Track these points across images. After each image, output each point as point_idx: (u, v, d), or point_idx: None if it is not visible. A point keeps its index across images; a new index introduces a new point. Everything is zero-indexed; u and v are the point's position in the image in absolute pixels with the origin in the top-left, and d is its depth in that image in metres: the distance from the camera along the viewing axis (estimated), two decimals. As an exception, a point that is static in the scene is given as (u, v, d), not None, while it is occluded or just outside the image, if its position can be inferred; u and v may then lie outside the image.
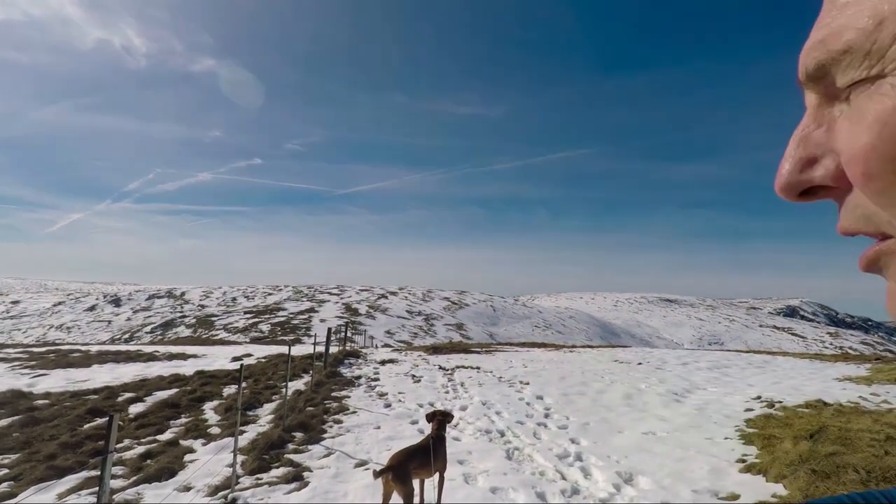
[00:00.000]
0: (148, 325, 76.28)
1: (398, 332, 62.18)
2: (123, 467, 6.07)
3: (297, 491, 5.29)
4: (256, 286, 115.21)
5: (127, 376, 12.62)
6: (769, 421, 7.79)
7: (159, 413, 8.70)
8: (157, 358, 16.97)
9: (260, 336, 54.81)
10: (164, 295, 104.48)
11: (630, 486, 5.40)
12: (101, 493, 3.05)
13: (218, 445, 6.95)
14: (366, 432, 7.56)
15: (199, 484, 5.51)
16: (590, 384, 11.37)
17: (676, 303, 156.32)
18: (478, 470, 5.84)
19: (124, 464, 6.19)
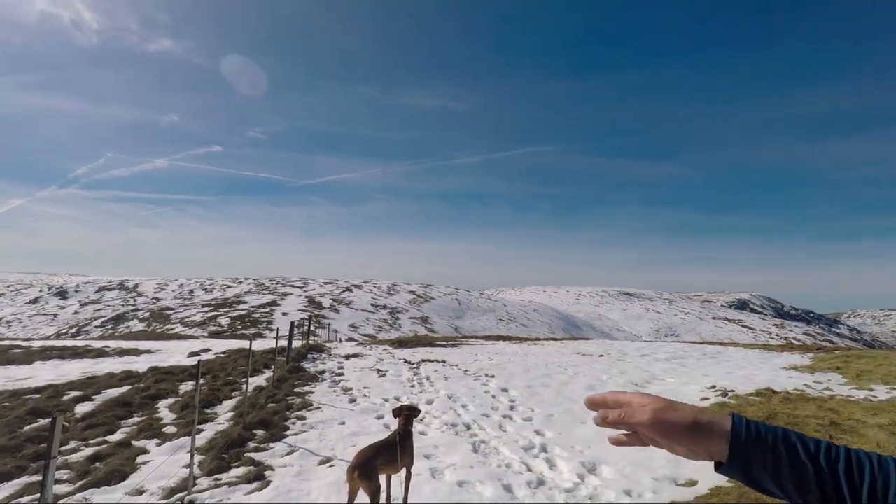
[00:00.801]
0: (97, 318, 73.06)
1: (363, 326, 61.66)
2: (69, 471, 5.74)
3: (258, 491, 5.12)
4: (215, 278, 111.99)
5: (73, 374, 12.00)
6: (723, 409, 8.06)
7: (109, 412, 8.30)
8: (107, 354, 16.22)
9: (219, 330, 53.31)
10: (116, 287, 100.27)
11: (593, 475, 5.48)
12: (43, 501, 2.84)
13: (174, 445, 6.67)
14: (330, 428, 7.41)
15: (152, 487, 5.27)
16: (554, 376, 11.53)
17: (635, 296, 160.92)
18: (444, 464, 5.81)
19: (70, 467, 5.86)
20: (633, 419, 0.75)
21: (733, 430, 0.68)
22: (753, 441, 0.67)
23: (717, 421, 0.70)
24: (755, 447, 0.66)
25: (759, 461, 0.66)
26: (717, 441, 0.69)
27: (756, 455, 0.66)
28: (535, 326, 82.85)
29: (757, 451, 0.66)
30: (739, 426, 0.68)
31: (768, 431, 0.67)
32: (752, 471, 0.67)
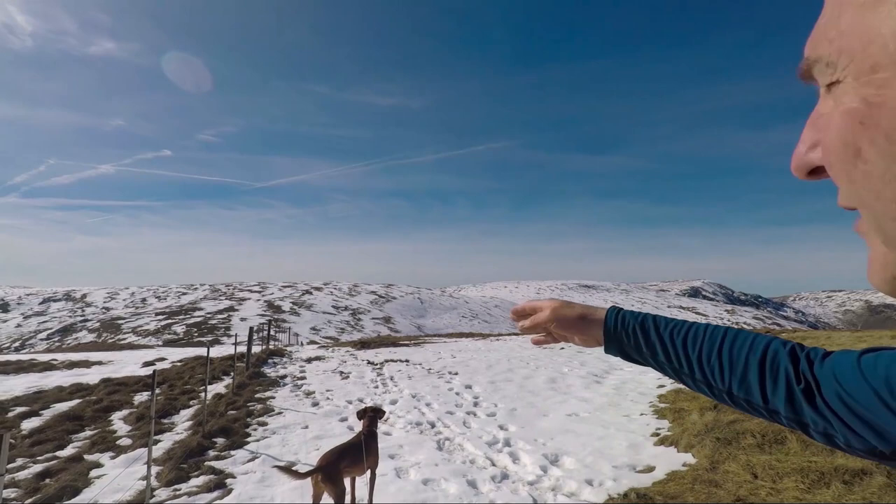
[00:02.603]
0: (43, 331, 69.37)
1: (324, 328, 60.81)
2: (17, 489, 5.47)
3: (219, 499, 5.01)
4: (169, 286, 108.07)
5: (18, 389, 11.38)
6: (678, 395, 8.41)
7: (59, 427, 7.92)
8: (55, 367, 15.44)
9: (174, 338, 51.53)
10: (62, 298, 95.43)
11: (556, 466, 5.62)
12: (-11, 523, 2.72)
13: (129, 458, 6.44)
14: (293, 433, 7.32)
15: (107, 501, 5.08)
16: (516, 371, 11.72)
17: (594, 288, 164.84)
18: (409, 463, 5.84)
19: (18, 485, 5.58)
20: (539, 320, 0.95)
21: (605, 320, 0.88)
22: (620, 328, 0.86)
23: (597, 314, 0.90)
24: (621, 332, 0.86)
25: (626, 342, 0.86)
26: (598, 329, 0.89)
27: (622, 338, 0.86)
28: (498, 322, 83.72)
29: (622, 334, 0.86)
30: (610, 317, 0.88)
31: (631, 318, 0.87)
32: (624, 350, 0.87)
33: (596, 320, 0.89)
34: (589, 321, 0.90)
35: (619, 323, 0.86)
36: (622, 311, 0.89)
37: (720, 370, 0.75)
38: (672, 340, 0.81)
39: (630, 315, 0.87)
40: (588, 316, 0.90)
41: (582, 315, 0.91)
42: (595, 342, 0.91)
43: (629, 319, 0.86)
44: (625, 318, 0.87)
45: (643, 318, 0.86)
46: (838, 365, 0.64)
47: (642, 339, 0.84)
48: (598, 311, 0.90)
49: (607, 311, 0.89)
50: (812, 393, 0.66)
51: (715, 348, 0.77)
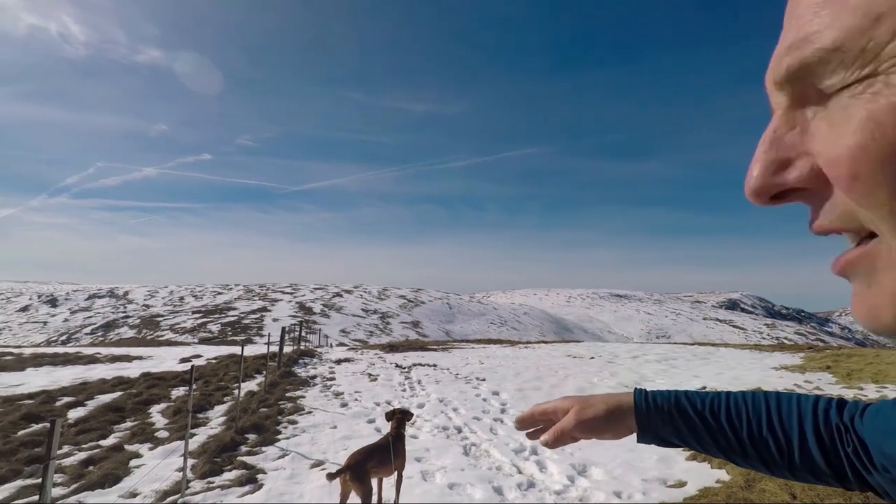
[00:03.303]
0: (88, 325, 72.37)
1: (353, 331, 61.54)
2: (63, 475, 5.75)
3: (250, 494, 5.16)
4: (205, 285, 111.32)
5: (65, 380, 11.93)
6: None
7: (102, 417, 8.28)
8: (98, 360, 16.12)
9: (209, 336, 53.02)
10: (106, 294, 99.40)
11: (584, 477, 5.56)
12: (42, 500, 2.88)
13: (166, 449, 6.68)
14: (322, 432, 7.45)
15: (146, 489, 5.29)
16: (544, 379, 11.62)
17: (626, 298, 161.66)
18: (435, 466, 5.87)
19: (64, 471, 5.87)
20: (565, 429, 0.83)
21: (636, 407, 0.79)
22: (654, 412, 0.78)
23: (624, 403, 0.80)
24: (656, 416, 0.77)
25: (662, 427, 0.77)
26: (629, 419, 0.79)
27: (658, 422, 0.77)
28: (526, 329, 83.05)
29: (657, 419, 0.77)
30: (640, 402, 0.79)
31: (664, 400, 0.78)
32: (661, 435, 0.78)
33: (625, 410, 0.80)
34: (618, 415, 0.80)
35: (651, 406, 0.78)
36: (650, 392, 0.81)
37: (776, 444, 0.69)
38: (715, 418, 0.74)
39: (661, 396, 0.79)
40: (615, 409, 0.80)
41: (608, 411, 0.81)
42: (627, 431, 0.81)
43: (661, 401, 0.78)
44: (656, 400, 0.78)
45: (676, 397, 0.78)
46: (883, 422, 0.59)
47: (682, 422, 0.76)
48: (623, 399, 0.81)
49: (635, 397, 0.80)
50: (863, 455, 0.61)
51: (764, 421, 0.70)
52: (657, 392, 0.80)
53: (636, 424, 0.79)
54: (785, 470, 0.69)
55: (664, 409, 0.77)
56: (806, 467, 0.67)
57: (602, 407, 0.81)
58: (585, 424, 0.81)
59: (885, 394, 8.69)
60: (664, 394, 0.79)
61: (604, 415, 0.80)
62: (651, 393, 0.80)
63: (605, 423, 0.80)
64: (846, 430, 0.64)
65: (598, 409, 0.81)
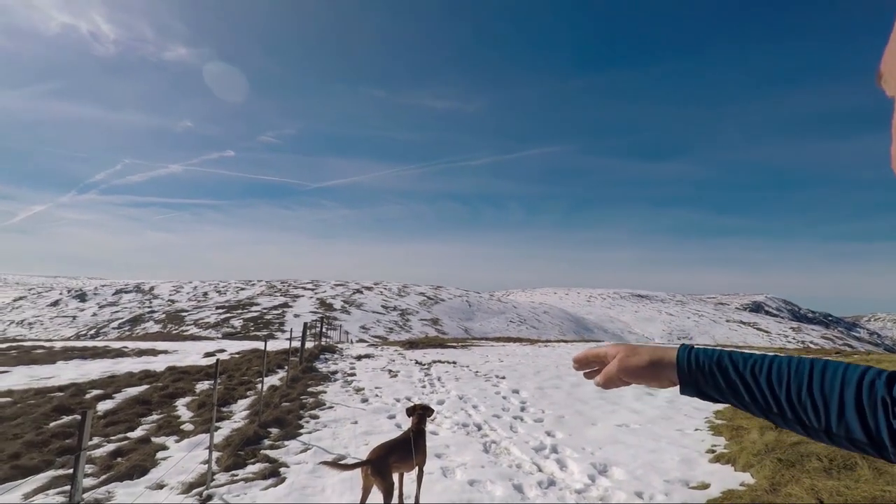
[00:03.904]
0: (115, 320, 74.20)
1: (373, 328, 61.92)
2: (93, 466, 5.91)
3: (273, 487, 5.24)
4: (228, 281, 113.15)
5: (94, 373, 12.28)
6: (736, 413, 8.03)
7: (130, 410, 8.49)
8: (125, 354, 16.55)
9: (232, 332, 53.88)
10: (132, 290, 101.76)
11: (605, 476, 5.51)
12: (74, 492, 2.97)
13: (192, 442, 6.82)
14: (343, 427, 7.53)
15: (172, 481, 5.41)
16: (564, 378, 11.54)
17: (648, 298, 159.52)
18: (455, 463, 5.88)
19: (94, 462, 6.03)
20: (609, 374, 0.92)
21: (678, 362, 0.85)
22: (695, 369, 0.83)
23: (667, 357, 0.87)
24: (697, 373, 0.83)
25: (703, 382, 0.83)
26: (671, 372, 0.86)
27: (699, 379, 0.83)
28: (546, 328, 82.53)
29: (698, 375, 0.83)
30: (682, 359, 0.85)
31: (706, 358, 0.83)
32: (701, 390, 0.83)
33: (667, 364, 0.86)
34: (660, 366, 0.87)
35: (693, 364, 0.83)
36: (693, 350, 0.86)
37: (814, 409, 0.72)
38: (755, 379, 0.78)
39: (704, 354, 0.84)
40: (658, 361, 0.87)
41: (651, 362, 0.87)
42: (669, 383, 0.87)
43: (703, 359, 0.83)
44: (699, 358, 0.83)
45: (719, 356, 0.83)
46: None
47: (721, 380, 0.81)
48: (668, 354, 0.87)
49: (678, 353, 0.86)
50: None
51: (804, 385, 0.73)
52: (701, 350, 0.86)
53: (678, 379, 0.85)
54: (823, 434, 0.72)
55: (705, 368, 0.82)
56: (843, 435, 0.70)
57: (646, 357, 0.88)
58: (629, 371, 0.89)
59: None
60: (707, 352, 0.85)
61: (646, 365, 0.88)
62: (695, 350, 0.86)
63: (647, 373, 0.88)
64: (893, 404, 0.65)
65: (641, 358, 0.89)
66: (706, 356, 0.83)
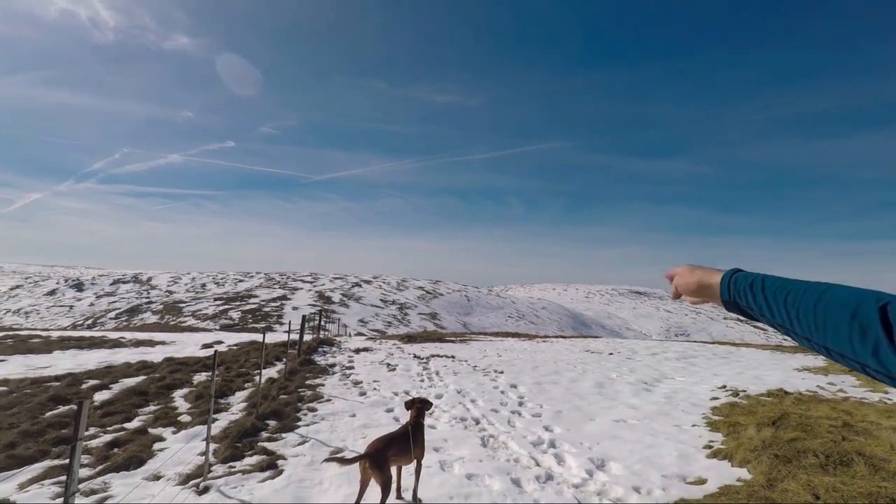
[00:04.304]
0: (112, 310, 74.11)
1: (372, 321, 61.94)
2: (89, 456, 5.90)
3: (271, 479, 5.23)
4: (227, 272, 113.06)
5: (91, 363, 12.25)
6: (734, 409, 8.05)
7: (126, 401, 8.47)
8: (122, 344, 16.52)
9: (230, 323, 53.89)
10: (130, 280, 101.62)
11: (602, 471, 5.52)
12: (70, 482, 2.95)
13: (189, 434, 6.81)
14: (341, 420, 7.52)
15: (169, 472, 5.40)
16: (562, 373, 11.55)
17: (646, 295, 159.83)
18: (454, 457, 5.88)
19: (90, 452, 6.02)
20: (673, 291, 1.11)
21: (721, 285, 0.99)
22: (734, 291, 0.96)
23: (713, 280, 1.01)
24: (735, 295, 0.95)
25: (741, 303, 0.95)
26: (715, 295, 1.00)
27: (737, 300, 0.95)
28: (544, 324, 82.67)
29: (736, 297, 0.95)
30: (724, 283, 0.98)
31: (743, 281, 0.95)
32: (741, 309, 0.95)
33: (713, 286, 1.00)
34: (706, 289, 1.02)
35: (731, 287, 0.96)
36: (736, 274, 0.97)
37: (815, 326, 0.80)
38: (776, 299, 0.88)
39: (742, 278, 0.95)
40: (704, 283, 1.02)
41: (699, 283, 1.03)
42: (716, 302, 1.01)
43: (741, 282, 0.95)
44: (737, 282, 0.95)
45: (753, 279, 0.94)
46: None
47: (752, 301, 0.92)
48: (713, 277, 1.01)
49: (722, 277, 0.99)
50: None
51: (810, 305, 0.82)
52: (742, 276, 0.96)
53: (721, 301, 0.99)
54: (823, 349, 0.81)
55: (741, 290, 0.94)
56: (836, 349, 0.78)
57: (695, 278, 1.04)
58: (683, 290, 1.07)
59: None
60: (746, 276, 0.96)
61: (694, 286, 1.04)
62: (736, 275, 0.97)
63: (695, 293, 1.05)
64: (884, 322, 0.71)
65: (692, 277, 1.05)
66: (744, 279, 0.95)
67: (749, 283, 0.93)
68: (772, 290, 0.89)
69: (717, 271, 1.01)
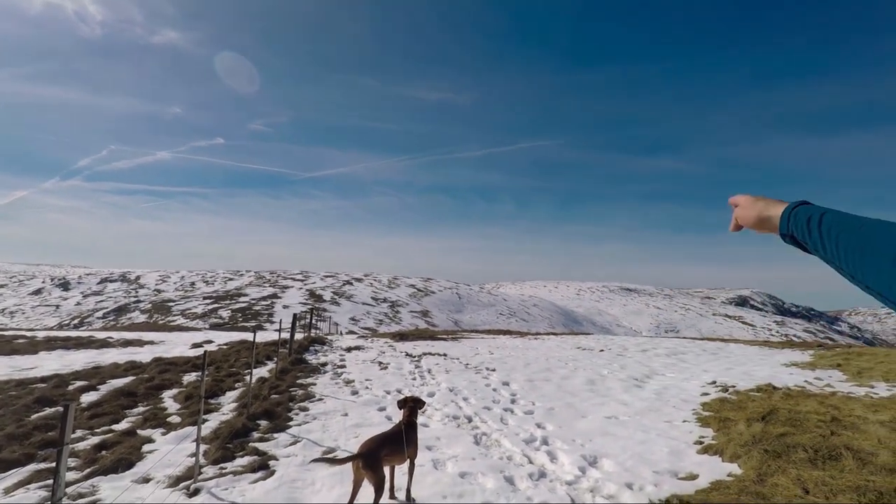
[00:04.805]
0: (100, 310, 73.29)
1: (363, 319, 61.79)
2: (77, 459, 5.81)
3: (262, 480, 5.18)
4: (216, 271, 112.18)
5: (78, 363, 12.09)
6: (724, 404, 8.12)
7: (114, 402, 8.37)
8: (110, 344, 16.33)
9: (220, 322, 53.50)
10: (118, 279, 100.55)
11: (594, 468, 5.54)
12: (57, 487, 2.89)
13: (179, 435, 6.74)
14: (333, 419, 7.48)
15: (159, 475, 5.33)
16: (554, 370, 11.59)
17: (636, 292, 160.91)
18: (446, 455, 5.87)
19: (77, 455, 5.93)
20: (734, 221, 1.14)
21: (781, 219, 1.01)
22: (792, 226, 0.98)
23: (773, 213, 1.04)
24: (793, 229, 0.98)
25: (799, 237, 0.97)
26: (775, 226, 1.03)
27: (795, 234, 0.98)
28: (536, 321, 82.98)
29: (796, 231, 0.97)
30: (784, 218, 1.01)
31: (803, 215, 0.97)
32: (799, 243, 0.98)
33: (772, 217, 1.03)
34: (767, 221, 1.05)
35: (791, 221, 0.99)
36: (798, 207, 0.99)
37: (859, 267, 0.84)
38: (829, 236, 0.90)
39: (804, 211, 0.97)
40: (764, 214, 1.05)
41: (759, 215, 1.06)
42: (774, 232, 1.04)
43: (801, 216, 0.97)
44: (797, 216, 0.98)
45: (812, 214, 0.95)
46: None
47: (808, 236, 0.95)
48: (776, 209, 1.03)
49: (784, 210, 1.01)
50: None
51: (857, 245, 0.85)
52: (803, 209, 0.98)
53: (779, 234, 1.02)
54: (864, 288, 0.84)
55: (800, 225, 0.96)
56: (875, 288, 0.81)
57: (755, 212, 1.07)
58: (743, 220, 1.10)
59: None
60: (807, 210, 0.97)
61: (755, 219, 1.07)
62: (797, 211, 0.99)
63: (755, 224, 1.08)
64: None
65: (753, 211, 1.08)
66: (804, 213, 0.97)
67: (807, 218, 0.95)
68: (827, 226, 0.91)
69: (781, 203, 1.03)
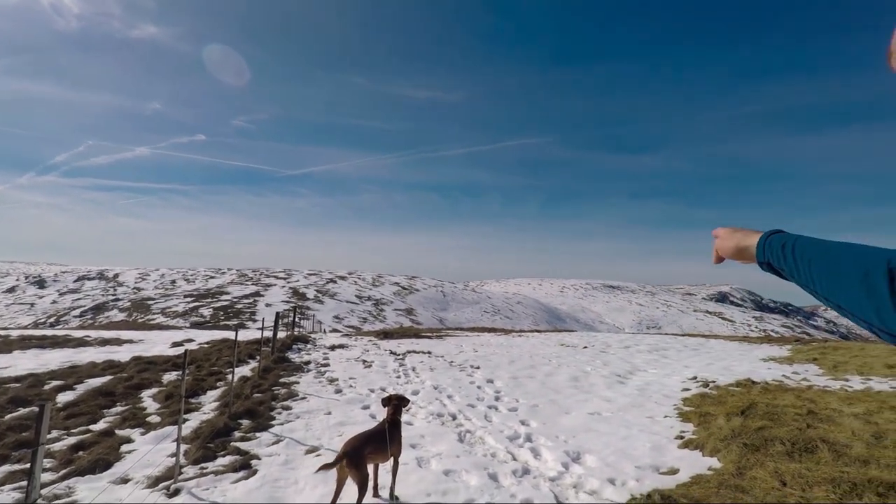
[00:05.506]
0: (77, 308, 71.80)
1: (347, 317, 61.48)
2: (52, 460, 5.69)
3: (244, 479, 5.12)
4: (197, 269, 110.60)
5: (54, 363, 11.82)
6: (704, 399, 8.25)
7: (92, 402, 8.20)
8: (88, 343, 15.99)
9: (201, 321, 52.77)
10: (95, 276, 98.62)
11: (578, 464, 5.58)
12: (31, 489, 2.82)
13: (158, 435, 6.63)
14: (316, 418, 7.43)
15: (138, 475, 5.24)
16: (538, 367, 11.66)
17: (619, 289, 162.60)
18: (431, 453, 5.87)
19: (53, 456, 5.80)
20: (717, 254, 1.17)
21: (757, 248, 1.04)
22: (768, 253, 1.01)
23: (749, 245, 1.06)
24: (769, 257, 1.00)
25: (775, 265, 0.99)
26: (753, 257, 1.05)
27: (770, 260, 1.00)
28: (520, 318, 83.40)
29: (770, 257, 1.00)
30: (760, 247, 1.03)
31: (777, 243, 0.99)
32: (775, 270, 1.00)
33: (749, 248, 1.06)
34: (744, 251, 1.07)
35: (766, 250, 1.01)
36: (771, 236, 1.02)
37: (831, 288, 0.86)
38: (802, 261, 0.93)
39: (777, 240, 1.01)
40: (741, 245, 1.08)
41: (737, 246, 1.09)
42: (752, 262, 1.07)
43: (775, 244, 1.00)
44: (771, 245, 1.01)
45: (785, 241, 0.99)
46: None
47: (783, 262, 0.97)
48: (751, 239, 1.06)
49: (759, 240, 1.04)
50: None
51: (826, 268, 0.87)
52: (776, 238, 1.01)
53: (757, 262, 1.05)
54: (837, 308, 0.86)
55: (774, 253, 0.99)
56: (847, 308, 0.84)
57: (733, 243, 1.10)
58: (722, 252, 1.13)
59: (871, 386, 8.79)
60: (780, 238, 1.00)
61: (733, 249, 1.10)
62: (770, 239, 1.02)
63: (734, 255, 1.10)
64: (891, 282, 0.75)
65: (731, 241, 1.11)
66: (778, 241, 1.00)
67: (781, 245, 0.98)
68: (800, 251, 0.94)
69: (755, 233, 1.06)
